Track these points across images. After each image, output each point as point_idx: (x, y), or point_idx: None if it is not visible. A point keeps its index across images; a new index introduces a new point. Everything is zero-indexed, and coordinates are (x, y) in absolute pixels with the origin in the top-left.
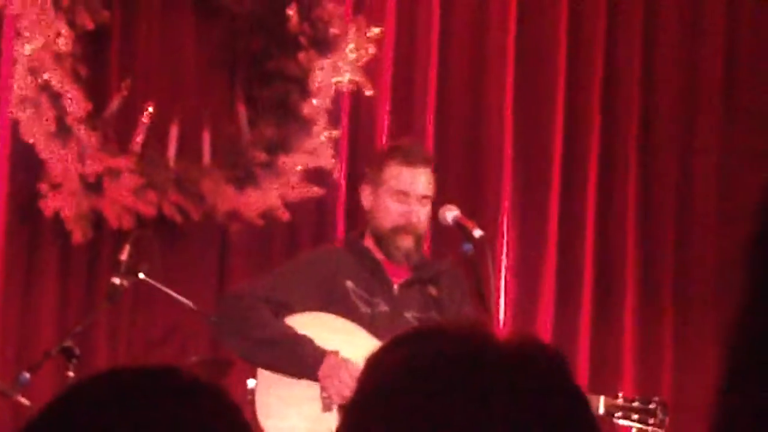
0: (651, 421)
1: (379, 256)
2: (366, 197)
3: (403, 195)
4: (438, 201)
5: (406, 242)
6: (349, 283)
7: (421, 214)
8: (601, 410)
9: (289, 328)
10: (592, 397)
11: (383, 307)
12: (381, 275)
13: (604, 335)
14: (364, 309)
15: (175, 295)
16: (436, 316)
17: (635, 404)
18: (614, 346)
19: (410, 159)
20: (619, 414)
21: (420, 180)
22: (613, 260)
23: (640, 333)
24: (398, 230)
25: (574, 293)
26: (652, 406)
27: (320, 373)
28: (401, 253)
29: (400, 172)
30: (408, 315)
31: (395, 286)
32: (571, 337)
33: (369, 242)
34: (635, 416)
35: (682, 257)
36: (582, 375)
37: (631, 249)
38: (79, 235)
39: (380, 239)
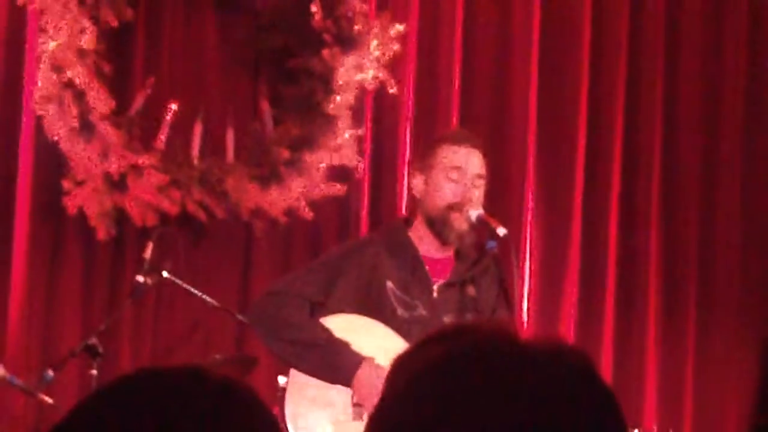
0: None
1: (422, 250)
2: (417, 184)
3: (457, 171)
4: None
5: (461, 223)
6: (389, 284)
7: (476, 194)
8: None
9: (326, 330)
10: None
11: (421, 311)
12: (422, 275)
13: (626, 337)
14: (402, 312)
15: (198, 293)
16: (472, 318)
17: None
18: (637, 348)
19: (463, 139)
20: None
21: (473, 159)
22: (636, 259)
23: (663, 331)
24: (453, 208)
25: (597, 292)
26: None
27: (355, 380)
28: (455, 235)
29: (454, 150)
30: (446, 319)
31: (435, 287)
32: (594, 335)
33: (416, 232)
34: None
35: (706, 256)
36: (605, 374)
37: (654, 248)
38: (102, 233)
39: (434, 221)
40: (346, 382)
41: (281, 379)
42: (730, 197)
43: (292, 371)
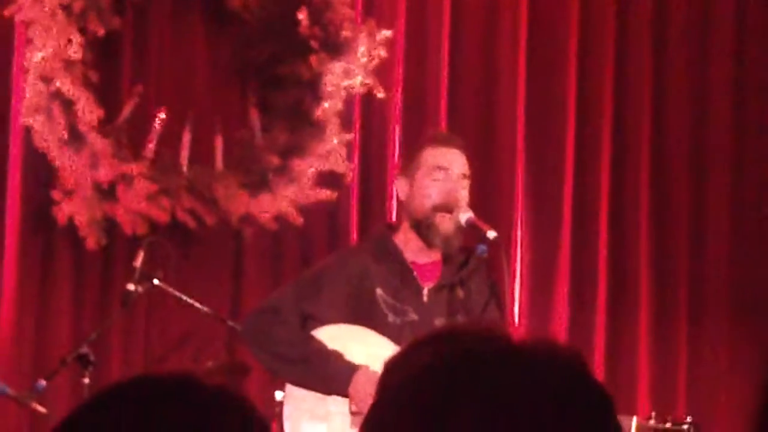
0: None
1: (408, 255)
2: (402, 188)
3: (442, 171)
4: None
5: (447, 225)
6: (379, 291)
7: (461, 194)
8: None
9: (318, 342)
10: (623, 418)
11: (412, 316)
12: (411, 280)
13: (618, 336)
14: (393, 318)
15: (189, 300)
16: (462, 320)
17: (668, 425)
18: (629, 347)
19: (445, 140)
20: None
21: (457, 159)
22: (627, 261)
23: (655, 333)
24: (439, 209)
25: (588, 295)
26: (685, 427)
27: (351, 389)
28: (441, 237)
29: (438, 151)
30: (437, 322)
31: (425, 291)
32: (585, 337)
33: (401, 237)
34: None
35: (697, 252)
36: (597, 373)
37: (644, 250)
38: (92, 242)
39: (419, 224)
40: (342, 391)
41: (278, 394)
42: (718, 192)
43: (288, 385)
